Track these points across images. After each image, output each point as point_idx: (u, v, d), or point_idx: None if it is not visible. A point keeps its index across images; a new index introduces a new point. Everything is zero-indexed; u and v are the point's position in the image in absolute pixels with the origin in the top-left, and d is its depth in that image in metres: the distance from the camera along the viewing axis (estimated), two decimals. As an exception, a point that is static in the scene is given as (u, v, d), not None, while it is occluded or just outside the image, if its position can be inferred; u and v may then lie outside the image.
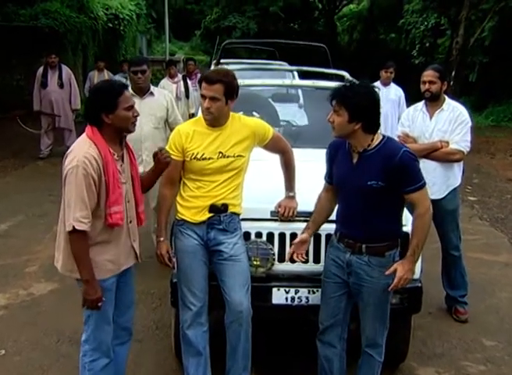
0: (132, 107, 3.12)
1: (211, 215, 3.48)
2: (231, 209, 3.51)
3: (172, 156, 3.43)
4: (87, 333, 3.28)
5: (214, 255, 3.53)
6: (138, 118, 3.22)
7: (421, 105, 4.84)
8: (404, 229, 3.51)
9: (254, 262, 3.64)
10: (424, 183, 3.16)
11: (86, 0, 16.21)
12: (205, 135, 3.47)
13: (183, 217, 3.52)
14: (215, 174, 3.46)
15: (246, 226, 3.65)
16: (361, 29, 28.86)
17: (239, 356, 3.53)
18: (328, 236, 3.58)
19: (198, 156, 3.44)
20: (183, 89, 9.70)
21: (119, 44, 18.30)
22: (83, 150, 3.02)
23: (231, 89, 3.39)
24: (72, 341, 4.34)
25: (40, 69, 10.02)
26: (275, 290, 3.67)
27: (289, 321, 4.03)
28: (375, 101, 3.12)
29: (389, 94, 8.12)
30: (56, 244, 3.21)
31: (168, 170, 3.48)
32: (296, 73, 6.59)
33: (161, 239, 3.56)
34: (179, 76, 10.03)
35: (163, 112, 5.44)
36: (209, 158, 3.44)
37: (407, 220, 3.61)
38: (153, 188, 5.21)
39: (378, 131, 3.23)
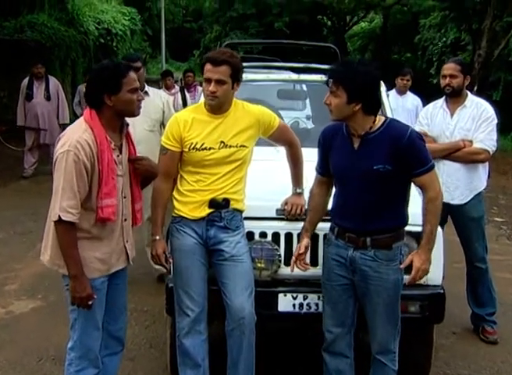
0: (137, 90, 3.13)
1: (211, 211, 3.46)
2: (233, 205, 3.50)
3: (169, 147, 3.45)
4: (73, 340, 3.24)
5: (214, 255, 3.50)
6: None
7: (440, 101, 4.85)
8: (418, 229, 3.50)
9: (258, 265, 3.61)
10: (434, 165, 3.18)
11: (76, 13, 16.42)
12: (206, 123, 3.47)
13: (180, 213, 3.51)
14: (215, 166, 3.46)
15: (249, 225, 3.63)
16: (374, 48, 29.21)
17: (241, 368, 3.47)
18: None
19: (198, 146, 3.44)
20: (180, 101, 9.76)
21: (111, 61, 18.51)
22: (76, 134, 3.02)
23: (238, 71, 3.41)
24: (55, 359, 4.30)
25: (25, 81, 10.04)
26: (281, 296, 3.63)
27: (297, 331, 3.97)
28: (374, 80, 3.15)
29: (406, 103, 8.16)
30: (44, 235, 3.20)
31: (165, 162, 3.49)
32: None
33: (157, 237, 3.54)
34: (177, 87, 10.11)
35: (158, 114, 5.46)
36: (210, 149, 3.43)
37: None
38: (145, 197, 5.23)
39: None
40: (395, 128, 3.19)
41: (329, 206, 3.47)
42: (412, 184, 3.31)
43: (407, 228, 3.40)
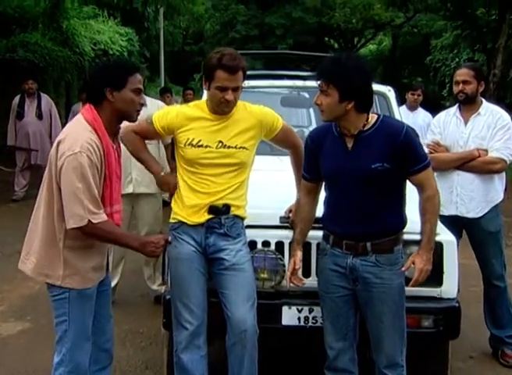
0: (140, 92, 3.15)
1: (210, 217, 3.46)
2: (234, 211, 3.49)
3: (154, 123, 3.52)
4: (61, 354, 3.19)
5: (213, 265, 3.49)
6: None
7: (453, 109, 4.86)
8: (437, 238, 3.48)
9: (261, 275, 3.60)
10: (430, 162, 3.23)
11: (71, 32, 16.56)
12: (206, 121, 3.50)
13: (179, 217, 3.51)
14: (212, 167, 3.46)
15: (251, 234, 3.63)
16: (383, 71, 29.45)
17: (242, 385, 3.43)
18: None
19: (194, 142, 3.46)
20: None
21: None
22: (84, 135, 3.01)
23: (245, 72, 3.45)
24: (43, 380, 4.24)
25: (16, 99, 10.07)
26: (285, 308, 3.61)
27: (303, 346, 3.92)
28: (366, 76, 3.17)
29: (417, 120, 8.18)
30: (26, 243, 3.19)
31: (142, 126, 3.56)
32: None
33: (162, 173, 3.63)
34: (176, 105, 10.16)
35: (156, 125, 5.48)
36: (206, 146, 3.45)
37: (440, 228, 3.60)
38: (141, 211, 5.22)
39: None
40: (390, 125, 3.23)
41: (319, 214, 3.48)
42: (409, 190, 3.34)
43: (410, 237, 3.40)
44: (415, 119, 8.16)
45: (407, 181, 3.28)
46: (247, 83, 4.11)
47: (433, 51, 21.75)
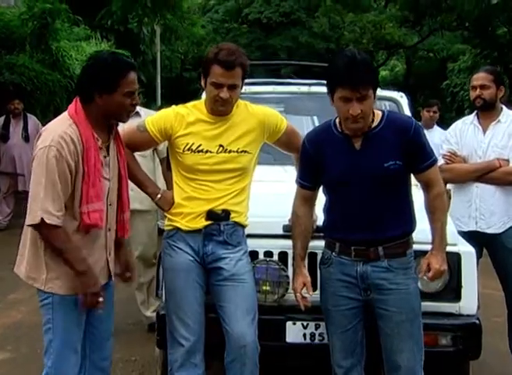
0: (133, 93, 3.15)
1: (208, 223, 3.47)
2: (234, 218, 3.51)
3: (148, 129, 3.51)
4: (46, 366, 3.20)
5: (212, 275, 3.50)
6: None
7: (471, 117, 4.89)
8: (454, 249, 3.48)
9: (263, 287, 3.60)
10: (437, 159, 3.39)
11: (60, 55, 16.68)
12: (205, 124, 3.52)
13: (175, 224, 3.52)
14: (213, 173, 3.48)
15: (253, 243, 3.64)
16: (397, 99, 29.55)
17: (242, 408, 3.40)
18: None
19: (193, 147, 3.48)
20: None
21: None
22: (60, 128, 3.05)
23: (246, 70, 3.47)
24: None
25: (1, 120, 10.14)
26: (289, 324, 3.61)
27: (309, 365, 3.88)
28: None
29: (433, 138, 8.15)
30: (20, 247, 3.22)
31: (133, 136, 3.55)
32: None
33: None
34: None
35: (150, 138, 5.51)
36: (206, 152, 3.47)
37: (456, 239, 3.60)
38: (135, 230, 5.22)
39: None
40: (397, 120, 3.30)
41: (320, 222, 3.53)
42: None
43: (420, 247, 3.42)
44: (431, 137, 8.10)
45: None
46: (248, 89, 4.15)
47: (450, 76, 21.90)
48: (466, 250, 3.66)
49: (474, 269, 3.66)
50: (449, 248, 3.49)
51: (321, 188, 3.47)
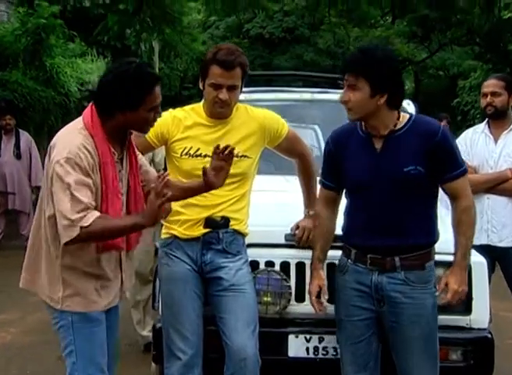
0: (158, 107, 3.03)
1: (207, 230, 3.48)
2: (233, 226, 3.52)
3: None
4: None
5: (210, 285, 3.50)
6: None
7: (482, 126, 4.91)
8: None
9: (264, 298, 3.60)
10: (467, 169, 3.31)
11: (55, 71, 16.77)
12: (204, 127, 3.54)
13: (172, 232, 3.54)
14: None
15: (253, 253, 3.65)
16: (406, 118, 29.64)
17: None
18: None
19: (191, 152, 3.50)
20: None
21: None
22: (76, 140, 2.92)
23: (247, 71, 3.50)
24: None
25: (-9, 136, 10.14)
26: (291, 337, 3.61)
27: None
28: (397, 66, 3.27)
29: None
30: (30, 263, 3.15)
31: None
32: None
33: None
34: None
35: (148, 149, 5.53)
36: (205, 156, 3.48)
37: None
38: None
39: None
40: (424, 123, 3.25)
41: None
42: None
43: (443, 258, 3.41)
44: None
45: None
46: (249, 96, 4.18)
47: (461, 93, 21.96)
48: (477, 260, 3.64)
49: (485, 281, 3.65)
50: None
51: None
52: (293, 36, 28.46)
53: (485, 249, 4.45)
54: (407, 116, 3.27)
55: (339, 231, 3.47)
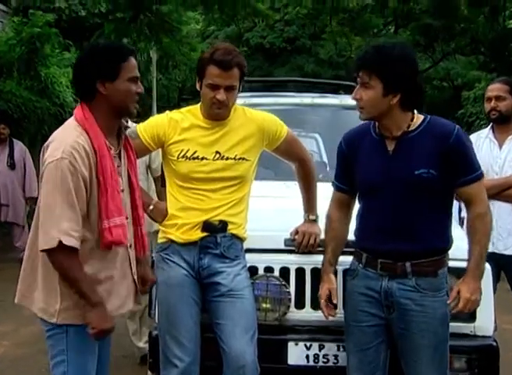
0: (137, 79, 3.09)
1: (204, 235, 3.49)
2: (231, 230, 3.53)
3: (141, 136, 3.51)
4: None
5: (208, 291, 3.50)
6: None
7: (486, 131, 4.93)
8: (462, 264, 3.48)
9: (263, 305, 3.60)
10: (482, 174, 3.23)
11: (50, 81, 16.81)
12: (201, 129, 3.55)
13: (169, 236, 3.54)
14: (209, 181, 3.51)
15: (252, 258, 3.65)
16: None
17: None
18: None
19: (188, 154, 3.50)
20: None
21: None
22: (70, 138, 2.94)
23: (245, 71, 3.50)
24: None
25: (-15, 146, 10.12)
26: (291, 345, 3.60)
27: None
28: (414, 65, 3.20)
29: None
30: (24, 276, 3.13)
31: None
32: None
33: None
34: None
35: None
36: (202, 158, 3.49)
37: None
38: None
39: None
40: (439, 125, 3.20)
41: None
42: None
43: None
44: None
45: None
46: (248, 100, 4.20)
47: (465, 104, 21.98)
48: (481, 266, 3.64)
49: (489, 287, 3.64)
50: (461, 264, 3.49)
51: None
52: (294, 46, 28.53)
53: (490, 257, 4.43)
54: (422, 117, 3.24)
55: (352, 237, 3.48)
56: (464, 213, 5.29)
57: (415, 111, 3.24)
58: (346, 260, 3.49)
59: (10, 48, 14.97)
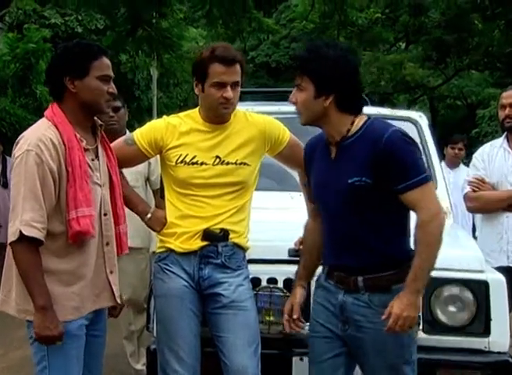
0: (109, 79, 3.17)
1: (205, 244, 3.49)
2: (233, 239, 3.53)
3: (138, 143, 3.55)
4: None
5: (208, 302, 3.51)
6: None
7: (500, 140, 4.95)
8: (481, 276, 3.49)
9: (266, 318, 3.61)
10: (427, 179, 3.02)
11: (45, 99, 16.84)
12: (200, 133, 3.57)
13: (168, 245, 3.55)
14: (209, 187, 3.52)
15: (255, 269, 3.67)
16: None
17: None
18: None
19: (187, 159, 3.52)
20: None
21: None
22: (38, 131, 3.07)
23: (244, 68, 3.54)
24: None
25: (-24, 164, 10.12)
26: (296, 360, 3.60)
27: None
28: (348, 64, 3.11)
29: (458, 179, 8.15)
30: (3, 278, 3.15)
31: (123, 152, 3.56)
32: None
33: None
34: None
35: (142, 167, 5.55)
36: (202, 163, 3.51)
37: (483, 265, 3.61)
38: (124, 270, 5.22)
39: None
40: (374, 129, 3.09)
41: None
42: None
43: (458, 275, 3.41)
44: (457, 177, 8.13)
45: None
46: (251, 108, 4.22)
47: (480, 123, 22.02)
48: (495, 278, 3.66)
49: (504, 300, 3.64)
50: (475, 276, 3.50)
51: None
52: (300, 63, 28.61)
53: (504, 272, 4.44)
54: (364, 119, 3.16)
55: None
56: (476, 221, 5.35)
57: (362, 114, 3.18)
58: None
59: (4, 65, 15.02)
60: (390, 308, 2.97)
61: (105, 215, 3.25)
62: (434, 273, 3.19)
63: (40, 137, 3.02)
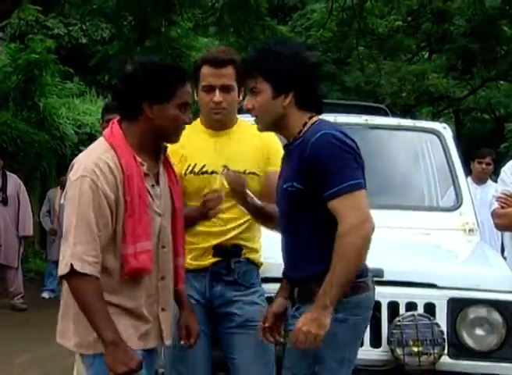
0: (188, 107, 3.07)
1: (216, 259, 3.49)
2: (246, 254, 3.54)
3: None
4: None
5: (221, 322, 3.51)
6: None
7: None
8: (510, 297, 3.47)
9: (281, 340, 3.56)
10: (352, 187, 2.94)
11: (49, 112, 16.77)
12: (205, 141, 3.59)
13: None
14: None
15: (269, 289, 3.63)
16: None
17: None
18: (407, 304, 3.58)
19: (196, 169, 3.53)
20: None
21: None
22: (94, 155, 2.99)
23: (240, 71, 3.50)
24: None
25: (-25, 180, 10.03)
26: None
27: None
28: (307, 60, 3.11)
29: (486, 195, 8.13)
30: (60, 312, 3.11)
31: None
32: None
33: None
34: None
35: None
36: (212, 173, 3.51)
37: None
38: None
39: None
40: (311, 132, 3.07)
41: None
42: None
43: (486, 295, 3.38)
44: (484, 194, 8.09)
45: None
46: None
47: (509, 137, 21.95)
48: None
49: None
50: (505, 297, 3.47)
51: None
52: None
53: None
54: (314, 120, 3.13)
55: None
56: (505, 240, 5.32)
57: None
58: None
59: (5, 76, 15.00)
60: (297, 322, 2.95)
61: (164, 247, 3.15)
62: (460, 293, 3.21)
63: (96, 161, 2.93)
